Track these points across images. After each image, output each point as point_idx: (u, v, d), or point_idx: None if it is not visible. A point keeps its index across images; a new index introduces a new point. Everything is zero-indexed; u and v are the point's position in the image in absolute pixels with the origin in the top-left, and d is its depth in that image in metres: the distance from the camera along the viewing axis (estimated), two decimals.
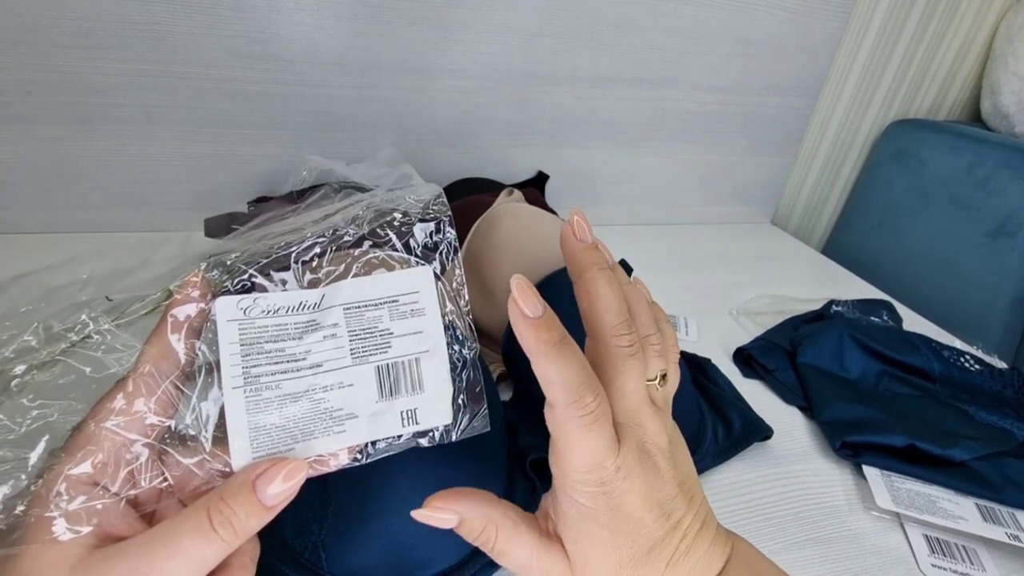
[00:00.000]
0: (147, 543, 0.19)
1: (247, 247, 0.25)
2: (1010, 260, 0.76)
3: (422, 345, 0.25)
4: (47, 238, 0.61)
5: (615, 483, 0.23)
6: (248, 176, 0.64)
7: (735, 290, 0.67)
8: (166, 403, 0.21)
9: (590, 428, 0.22)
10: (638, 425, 0.24)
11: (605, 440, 0.23)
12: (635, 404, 0.25)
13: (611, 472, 0.23)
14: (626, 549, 0.24)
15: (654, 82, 0.74)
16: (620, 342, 0.24)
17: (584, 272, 0.25)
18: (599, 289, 0.25)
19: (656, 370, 0.26)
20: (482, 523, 0.24)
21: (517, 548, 0.24)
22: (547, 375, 0.23)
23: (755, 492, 0.40)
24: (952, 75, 0.96)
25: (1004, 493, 0.40)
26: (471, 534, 0.24)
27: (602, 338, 0.25)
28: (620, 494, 0.23)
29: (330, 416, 0.23)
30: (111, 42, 0.54)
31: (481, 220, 0.49)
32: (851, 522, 0.39)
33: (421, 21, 0.61)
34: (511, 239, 0.46)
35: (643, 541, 0.24)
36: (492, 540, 0.24)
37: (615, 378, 0.24)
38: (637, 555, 0.24)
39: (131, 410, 0.21)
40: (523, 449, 0.37)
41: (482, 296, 0.46)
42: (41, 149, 0.58)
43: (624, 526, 0.23)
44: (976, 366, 0.51)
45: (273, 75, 0.60)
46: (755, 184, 0.89)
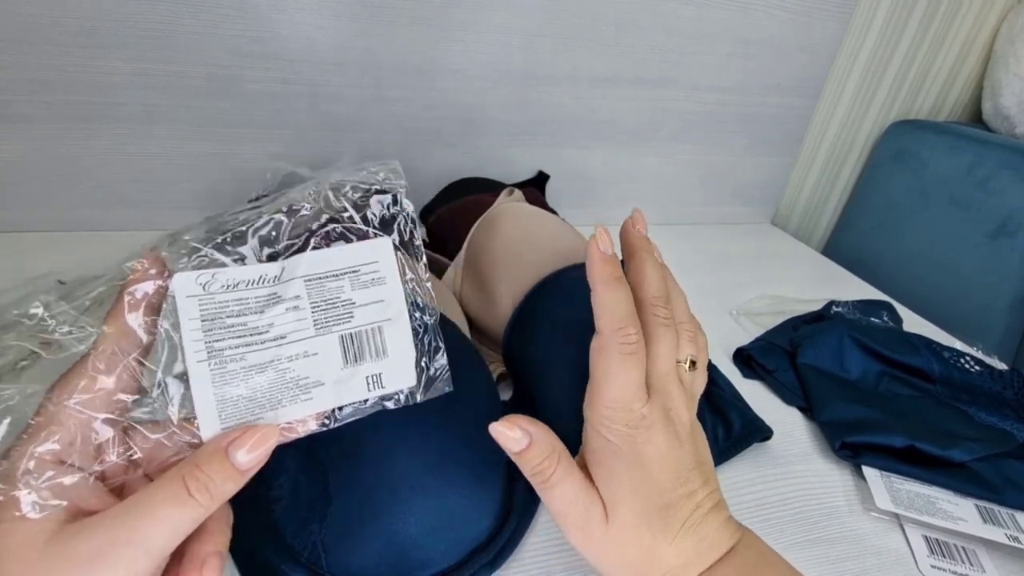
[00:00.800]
0: (122, 513, 0.20)
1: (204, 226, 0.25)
2: (1010, 261, 0.76)
3: (384, 313, 0.25)
4: (47, 236, 0.61)
5: (640, 430, 0.26)
6: (248, 175, 0.64)
7: (735, 290, 0.67)
8: (129, 380, 0.22)
9: (626, 359, 0.26)
10: (666, 392, 0.27)
11: (636, 379, 0.26)
12: (665, 370, 0.27)
13: (637, 417, 0.26)
14: (645, 497, 0.26)
15: (654, 82, 0.74)
16: (657, 311, 0.27)
17: (636, 252, 0.29)
18: (646, 266, 0.28)
19: (687, 354, 0.29)
20: (548, 450, 0.26)
21: (569, 483, 0.26)
22: (604, 301, 0.26)
23: (755, 492, 0.40)
24: (953, 76, 0.96)
25: (1004, 494, 0.40)
26: (534, 459, 0.26)
27: (642, 304, 0.27)
28: (643, 443, 0.26)
29: (296, 385, 0.23)
30: (112, 41, 0.54)
31: (481, 220, 0.49)
32: (851, 523, 0.39)
33: (421, 21, 0.61)
34: (511, 239, 0.46)
35: (658, 497, 0.26)
36: (551, 470, 0.26)
37: (649, 343, 0.27)
38: (653, 508, 0.26)
39: (94, 387, 0.21)
40: None
41: (482, 295, 0.46)
42: (42, 148, 0.58)
43: (644, 475, 0.26)
44: (976, 367, 0.51)
45: (274, 74, 0.60)
46: (755, 184, 0.89)
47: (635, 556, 0.26)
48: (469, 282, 0.47)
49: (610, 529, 0.26)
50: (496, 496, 0.32)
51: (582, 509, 0.26)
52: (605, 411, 0.26)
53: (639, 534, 0.26)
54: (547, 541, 0.34)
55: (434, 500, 0.29)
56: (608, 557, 0.26)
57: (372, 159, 0.29)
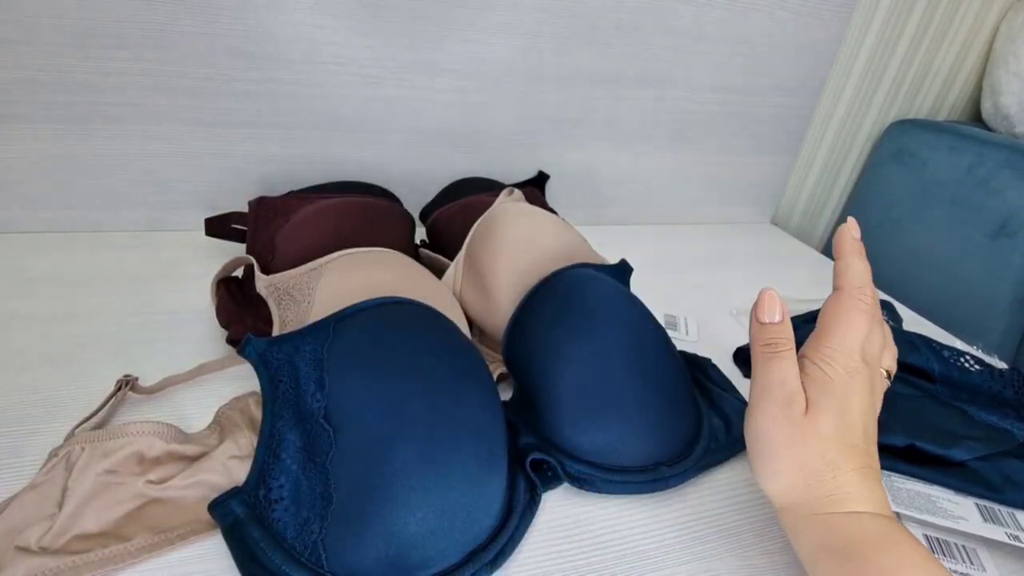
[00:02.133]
0: None
1: None
2: (1010, 260, 0.76)
3: None
4: (47, 237, 0.61)
5: (854, 378, 0.29)
6: (248, 176, 0.64)
7: (735, 290, 0.67)
8: None
9: (861, 312, 0.30)
10: (875, 368, 0.31)
11: (862, 332, 0.30)
12: (877, 348, 0.31)
13: (855, 365, 0.30)
14: (844, 427, 0.29)
15: (655, 82, 0.74)
16: (861, 295, 0.31)
17: (845, 250, 0.32)
18: (855, 261, 0.32)
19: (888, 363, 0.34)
20: (788, 332, 0.31)
21: (793, 362, 0.30)
22: (851, 265, 0.31)
23: (755, 492, 0.40)
24: (953, 75, 0.96)
25: (1004, 493, 0.40)
26: (778, 331, 0.31)
27: (847, 290, 0.31)
28: (853, 391, 0.29)
29: None
30: (112, 42, 0.54)
31: (480, 221, 0.49)
32: None
33: (422, 21, 0.61)
34: (510, 239, 0.46)
35: (850, 435, 0.29)
36: (787, 345, 0.30)
37: (853, 320, 0.30)
38: (846, 438, 0.29)
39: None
40: (523, 448, 0.37)
41: (482, 296, 0.46)
42: (41, 148, 0.58)
43: (846, 412, 0.29)
44: (976, 366, 0.51)
45: (273, 75, 0.60)
46: (756, 184, 0.89)
47: (816, 459, 0.28)
48: (469, 282, 0.47)
49: (807, 424, 0.29)
50: (498, 495, 0.32)
51: (793, 391, 0.29)
52: (829, 350, 0.30)
53: (828, 445, 0.29)
54: (547, 541, 0.34)
55: (435, 499, 0.29)
56: (794, 446, 0.29)
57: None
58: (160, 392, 0.41)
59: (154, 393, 0.41)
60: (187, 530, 0.31)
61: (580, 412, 0.37)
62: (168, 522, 0.31)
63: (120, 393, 0.39)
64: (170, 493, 0.32)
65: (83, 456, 0.32)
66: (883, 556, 0.26)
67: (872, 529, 0.28)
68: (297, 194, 0.57)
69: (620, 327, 0.39)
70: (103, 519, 0.30)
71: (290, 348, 0.34)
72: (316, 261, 0.42)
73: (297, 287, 0.41)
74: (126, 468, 0.32)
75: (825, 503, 0.29)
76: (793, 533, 0.30)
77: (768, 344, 0.31)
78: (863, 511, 0.28)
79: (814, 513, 0.29)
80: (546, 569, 0.33)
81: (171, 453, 0.34)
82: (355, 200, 0.53)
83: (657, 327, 0.43)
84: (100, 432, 0.33)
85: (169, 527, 0.31)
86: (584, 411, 0.37)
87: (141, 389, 0.40)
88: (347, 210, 0.51)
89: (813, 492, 0.29)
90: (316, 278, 0.41)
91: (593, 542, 0.35)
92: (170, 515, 0.32)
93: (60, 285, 0.53)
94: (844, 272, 0.31)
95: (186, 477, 0.32)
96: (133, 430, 0.33)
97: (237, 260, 0.48)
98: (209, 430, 0.37)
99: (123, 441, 0.33)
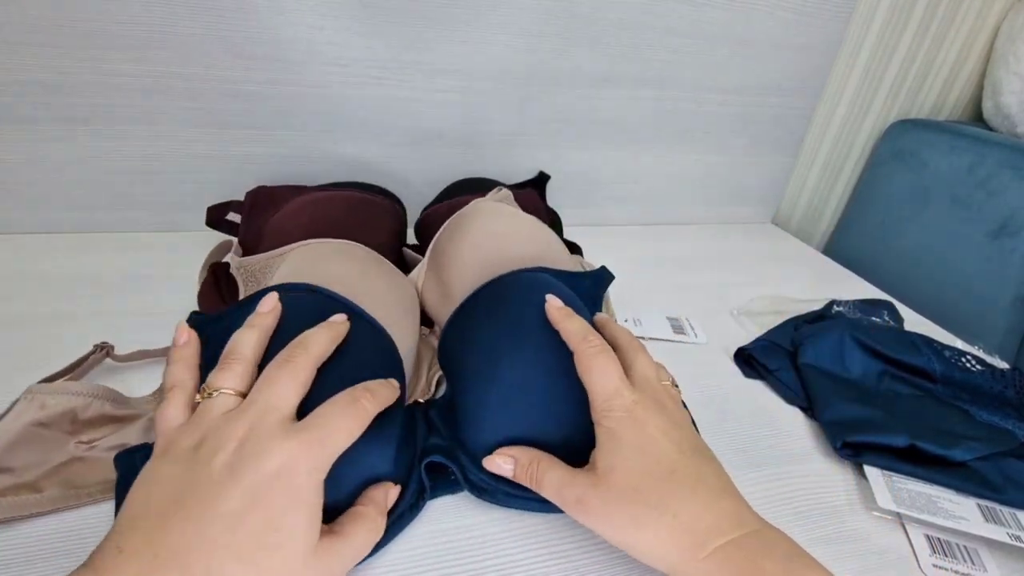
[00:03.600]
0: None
1: None
2: (1011, 260, 0.76)
3: None
4: (49, 238, 0.61)
5: (637, 411, 0.30)
6: (249, 176, 0.65)
7: (736, 290, 0.67)
8: None
9: (598, 356, 0.32)
10: (653, 388, 0.32)
11: (616, 370, 0.32)
12: (645, 375, 0.33)
13: (631, 401, 0.31)
14: (651, 464, 0.29)
15: (655, 82, 0.74)
16: (588, 344, 0.33)
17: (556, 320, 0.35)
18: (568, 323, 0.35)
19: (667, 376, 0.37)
20: (529, 458, 0.32)
21: (554, 471, 0.31)
22: (566, 328, 0.34)
23: (755, 492, 0.40)
24: (954, 75, 0.96)
25: (1005, 493, 0.40)
26: (523, 472, 0.32)
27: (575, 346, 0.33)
28: (643, 421, 0.30)
29: None
30: (113, 43, 0.55)
31: (452, 218, 0.49)
32: (852, 522, 0.39)
33: (422, 21, 0.61)
34: (475, 237, 0.45)
35: (666, 463, 0.29)
36: (535, 468, 0.32)
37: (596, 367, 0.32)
38: (660, 473, 0.29)
39: None
40: (429, 448, 0.36)
41: (441, 293, 0.45)
42: (42, 149, 0.58)
43: (648, 446, 0.29)
44: (977, 366, 0.51)
45: (274, 75, 0.60)
46: (756, 184, 0.89)
47: (642, 513, 0.28)
48: (431, 278, 0.47)
49: (606, 491, 0.29)
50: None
51: (572, 486, 0.30)
52: (602, 404, 0.31)
53: (641, 492, 0.28)
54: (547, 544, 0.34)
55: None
56: (613, 518, 0.29)
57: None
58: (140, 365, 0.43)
59: (128, 362, 0.43)
60: (97, 488, 0.33)
61: (493, 418, 0.35)
62: (83, 479, 0.33)
63: (94, 357, 0.41)
64: (95, 454, 0.33)
65: (20, 403, 0.33)
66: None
67: (753, 554, 0.26)
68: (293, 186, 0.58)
69: (554, 338, 0.35)
70: (29, 469, 0.32)
71: (223, 324, 0.34)
72: (284, 247, 0.43)
73: (261, 270, 0.43)
74: (59, 425, 0.33)
75: (689, 553, 0.27)
76: None
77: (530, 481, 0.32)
78: (729, 539, 0.27)
79: (687, 571, 0.27)
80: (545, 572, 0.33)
81: (105, 415, 0.35)
82: (341, 194, 0.54)
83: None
84: (45, 386, 0.35)
85: (82, 484, 0.32)
86: (497, 418, 0.34)
87: (117, 357, 0.43)
88: (331, 203, 0.51)
89: (676, 548, 0.27)
90: (278, 263, 0.42)
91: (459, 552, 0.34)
92: (87, 472, 0.33)
93: (61, 286, 0.53)
94: (566, 335, 0.34)
95: (111, 439, 0.34)
96: (72, 389, 0.35)
97: (226, 244, 0.50)
98: (152, 396, 0.39)
99: (61, 398, 0.34)
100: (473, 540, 0.34)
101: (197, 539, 0.23)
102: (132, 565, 0.22)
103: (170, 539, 0.23)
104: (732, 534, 0.27)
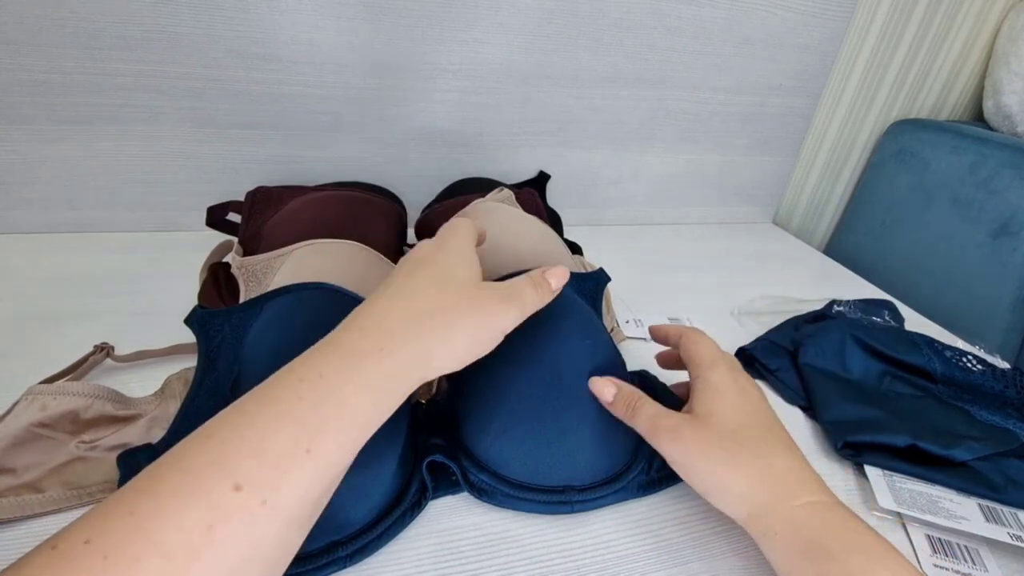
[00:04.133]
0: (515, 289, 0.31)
1: None
2: (1012, 260, 0.76)
3: None
4: (49, 238, 0.61)
5: (739, 375, 0.35)
6: (249, 176, 0.65)
7: (737, 290, 0.67)
8: None
9: (703, 335, 0.38)
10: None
11: (717, 346, 0.37)
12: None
13: (733, 367, 0.36)
14: (749, 418, 0.33)
15: (655, 82, 0.74)
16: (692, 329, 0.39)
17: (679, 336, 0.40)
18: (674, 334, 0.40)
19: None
20: (629, 391, 0.35)
21: (650, 404, 0.34)
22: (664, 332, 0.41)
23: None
24: (954, 75, 0.96)
25: (1006, 493, 0.40)
26: (622, 401, 0.34)
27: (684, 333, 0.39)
28: (743, 384, 0.35)
29: None
30: (114, 43, 0.55)
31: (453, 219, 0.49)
32: None
33: (422, 21, 0.61)
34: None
35: (763, 421, 0.33)
36: (635, 399, 0.34)
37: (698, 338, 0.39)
38: (757, 427, 0.33)
39: None
40: (430, 448, 0.35)
41: None
42: (44, 149, 0.58)
43: (746, 404, 0.34)
44: (978, 366, 0.51)
45: (275, 76, 0.60)
46: (757, 184, 0.89)
47: (739, 453, 0.31)
48: None
49: (704, 429, 0.32)
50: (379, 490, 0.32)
51: (669, 417, 0.33)
52: (708, 361, 0.35)
53: (739, 437, 0.32)
54: (547, 544, 0.34)
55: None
56: (707, 453, 0.31)
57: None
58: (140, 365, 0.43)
59: (128, 363, 0.43)
60: (99, 489, 0.33)
61: (492, 420, 0.34)
62: (84, 479, 0.33)
63: (94, 358, 0.41)
64: (96, 454, 0.34)
65: (21, 404, 0.33)
66: (853, 556, 0.27)
67: (833, 521, 0.29)
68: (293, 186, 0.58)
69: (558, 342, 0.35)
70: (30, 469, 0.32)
71: (232, 320, 0.36)
72: (286, 248, 0.44)
73: (263, 270, 0.44)
74: (60, 426, 0.33)
75: (781, 498, 0.30)
76: (763, 540, 0.30)
77: (627, 408, 0.34)
78: (816, 500, 0.30)
79: (775, 513, 0.30)
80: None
81: (106, 416, 0.35)
82: (341, 194, 0.54)
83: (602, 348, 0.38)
84: (45, 386, 0.34)
85: (84, 484, 0.32)
86: (496, 419, 0.34)
87: (117, 358, 0.43)
88: (331, 203, 0.52)
89: (767, 492, 0.30)
90: (280, 263, 0.43)
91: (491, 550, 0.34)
92: (88, 472, 0.33)
93: (62, 286, 0.53)
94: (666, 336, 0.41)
95: (112, 440, 0.34)
96: (73, 389, 0.35)
97: (227, 244, 0.50)
98: (153, 396, 0.39)
99: (62, 399, 0.34)
100: (473, 540, 0.34)
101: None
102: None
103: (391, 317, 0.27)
104: (821, 497, 0.30)
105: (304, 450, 0.22)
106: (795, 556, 0.28)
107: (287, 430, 0.22)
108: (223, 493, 0.20)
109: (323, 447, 0.23)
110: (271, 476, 0.21)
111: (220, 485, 0.20)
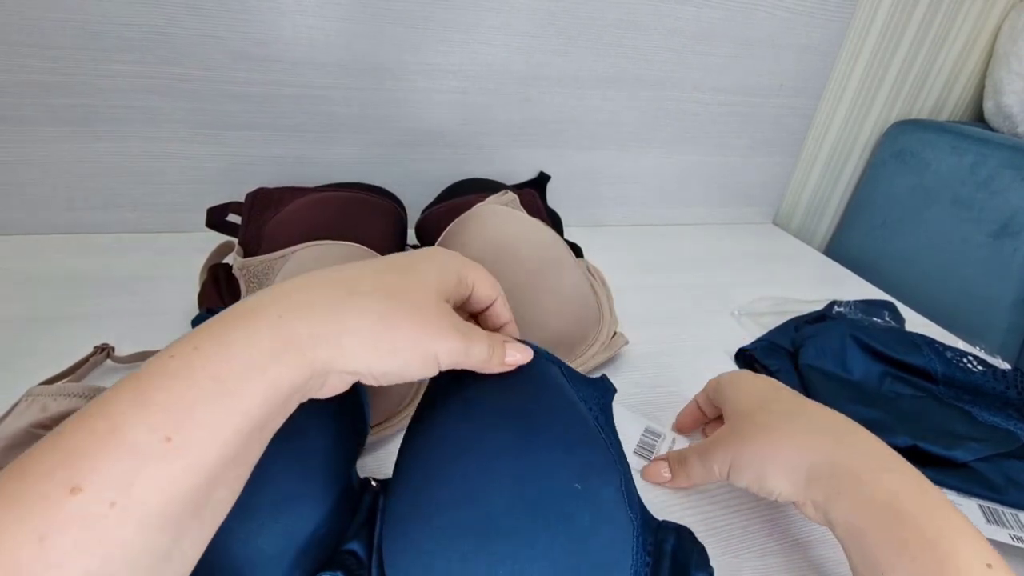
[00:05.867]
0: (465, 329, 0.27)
1: None
2: (1013, 261, 0.76)
3: None
4: (50, 239, 0.61)
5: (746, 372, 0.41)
6: (250, 177, 0.64)
7: (737, 291, 0.67)
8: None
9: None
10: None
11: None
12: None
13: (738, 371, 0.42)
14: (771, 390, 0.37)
15: (655, 82, 0.74)
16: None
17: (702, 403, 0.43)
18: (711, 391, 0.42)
19: None
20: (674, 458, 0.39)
21: (691, 462, 0.37)
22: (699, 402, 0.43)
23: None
24: (955, 75, 0.96)
25: (1007, 494, 0.40)
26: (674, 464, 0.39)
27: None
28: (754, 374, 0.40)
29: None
30: (114, 44, 0.55)
31: (456, 221, 0.49)
32: None
33: (423, 22, 0.61)
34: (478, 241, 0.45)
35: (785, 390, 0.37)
36: (679, 468, 0.38)
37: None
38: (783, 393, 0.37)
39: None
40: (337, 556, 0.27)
41: None
42: (44, 150, 0.58)
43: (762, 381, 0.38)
44: (979, 367, 0.51)
45: (275, 76, 0.60)
46: (757, 184, 0.89)
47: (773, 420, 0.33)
48: None
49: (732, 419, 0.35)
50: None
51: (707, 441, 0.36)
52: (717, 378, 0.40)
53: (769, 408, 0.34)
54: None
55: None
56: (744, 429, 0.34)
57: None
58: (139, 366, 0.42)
59: (129, 363, 0.43)
60: None
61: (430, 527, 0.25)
62: None
63: (94, 359, 0.41)
64: None
65: (21, 405, 0.33)
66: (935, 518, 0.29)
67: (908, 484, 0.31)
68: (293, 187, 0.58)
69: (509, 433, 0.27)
70: None
71: None
72: (287, 249, 0.44)
73: (264, 271, 0.44)
74: None
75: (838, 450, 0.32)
76: (828, 503, 0.30)
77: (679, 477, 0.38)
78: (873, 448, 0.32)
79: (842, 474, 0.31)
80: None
81: None
82: (341, 195, 0.54)
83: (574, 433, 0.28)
84: (46, 388, 0.34)
85: None
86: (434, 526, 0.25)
87: (117, 359, 0.43)
88: (331, 204, 0.52)
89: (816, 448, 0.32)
90: (280, 264, 0.43)
91: None
92: None
93: (62, 287, 0.53)
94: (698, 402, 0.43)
95: None
96: (74, 391, 0.34)
97: (226, 246, 0.50)
98: None
99: (63, 400, 0.34)
100: None
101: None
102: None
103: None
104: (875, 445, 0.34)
105: (162, 439, 0.19)
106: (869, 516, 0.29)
107: (140, 416, 0.19)
108: (58, 498, 0.17)
109: (189, 434, 0.19)
110: (120, 472, 0.18)
111: (56, 489, 0.17)
